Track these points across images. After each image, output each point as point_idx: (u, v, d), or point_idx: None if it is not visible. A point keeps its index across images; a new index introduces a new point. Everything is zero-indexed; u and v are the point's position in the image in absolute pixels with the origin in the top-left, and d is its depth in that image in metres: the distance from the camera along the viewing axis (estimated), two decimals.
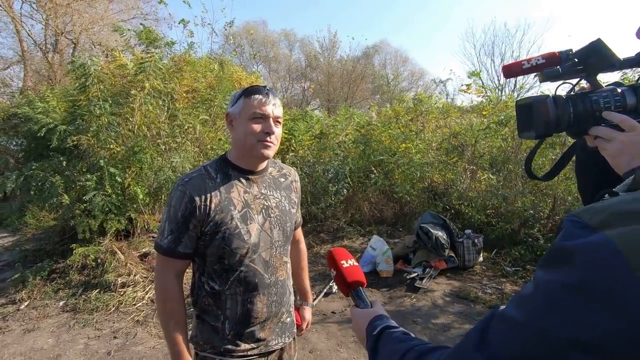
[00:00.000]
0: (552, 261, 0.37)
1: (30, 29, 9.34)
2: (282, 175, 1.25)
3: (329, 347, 2.59)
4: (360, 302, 0.78)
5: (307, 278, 1.46)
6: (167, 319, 1.08)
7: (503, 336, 0.38)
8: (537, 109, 0.61)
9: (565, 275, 0.34)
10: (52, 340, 2.75)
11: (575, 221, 0.37)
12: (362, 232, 4.96)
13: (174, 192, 1.07)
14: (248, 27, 18.05)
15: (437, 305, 3.14)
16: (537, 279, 0.38)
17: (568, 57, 0.62)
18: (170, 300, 1.08)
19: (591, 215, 0.36)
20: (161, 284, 1.10)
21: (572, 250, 0.35)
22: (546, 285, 0.36)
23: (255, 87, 1.10)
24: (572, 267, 0.34)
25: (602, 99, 0.59)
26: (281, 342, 1.20)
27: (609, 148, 0.58)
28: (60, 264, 3.75)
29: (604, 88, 0.61)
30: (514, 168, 4.87)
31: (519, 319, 0.37)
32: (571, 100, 0.61)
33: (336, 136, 6.00)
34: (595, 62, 0.60)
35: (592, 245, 0.33)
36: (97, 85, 3.85)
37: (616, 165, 0.58)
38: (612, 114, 0.58)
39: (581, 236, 0.35)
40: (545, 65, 0.63)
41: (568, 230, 0.37)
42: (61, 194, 3.60)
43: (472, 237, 3.85)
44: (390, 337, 0.62)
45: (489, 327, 0.41)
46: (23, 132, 5.00)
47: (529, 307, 0.37)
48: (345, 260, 0.85)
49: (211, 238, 1.06)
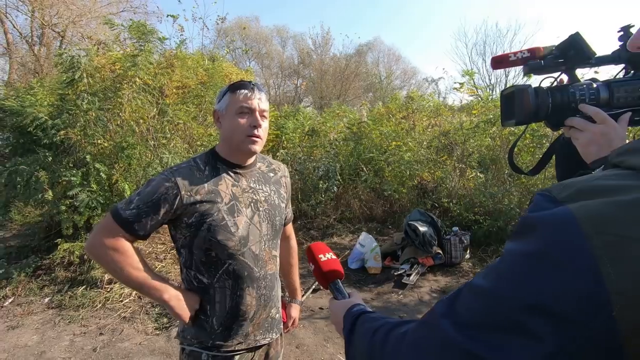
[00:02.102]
0: (519, 232, 0.38)
1: (15, 20, 9.14)
2: (272, 170, 1.25)
3: (315, 342, 2.62)
4: (338, 294, 0.79)
5: (296, 275, 1.46)
6: (134, 278, 1.02)
7: (469, 303, 0.40)
8: (519, 97, 0.65)
9: (527, 244, 0.36)
10: (37, 337, 2.72)
11: (545, 195, 0.38)
12: (352, 230, 4.99)
13: (158, 176, 1.06)
14: (241, 23, 17.90)
15: (423, 301, 3.19)
16: (505, 250, 0.40)
17: (551, 52, 0.66)
18: (129, 263, 1.02)
19: (560, 190, 0.38)
20: (112, 246, 1.01)
21: (535, 221, 0.36)
22: (510, 254, 0.38)
23: (241, 82, 1.10)
24: (533, 237, 0.35)
25: (579, 92, 0.62)
26: (269, 337, 1.20)
27: (581, 138, 0.61)
28: (46, 261, 3.70)
29: (581, 82, 0.64)
30: (502, 166, 4.95)
31: (485, 285, 0.39)
32: (550, 91, 0.64)
33: (327, 134, 6.01)
34: (573, 55, 0.64)
35: (553, 216, 0.35)
36: (85, 79, 3.79)
37: (585, 154, 0.60)
38: (587, 106, 0.61)
39: (546, 208, 0.36)
40: (529, 58, 0.66)
41: (536, 203, 0.38)
42: (46, 189, 3.55)
43: (460, 234, 3.91)
44: (366, 318, 0.63)
45: (458, 297, 0.42)
46: (9, 127, 4.89)
47: (494, 275, 0.39)
48: (324, 253, 0.87)
49: (196, 229, 1.05)
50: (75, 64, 3.82)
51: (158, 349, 2.57)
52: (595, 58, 0.63)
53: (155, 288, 1.03)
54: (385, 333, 0.54)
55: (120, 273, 1.02)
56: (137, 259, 1.04)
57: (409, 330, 0.48)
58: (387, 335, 0.53)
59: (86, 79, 3.82)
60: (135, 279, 1.02)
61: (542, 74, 0.68)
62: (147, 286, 1.03)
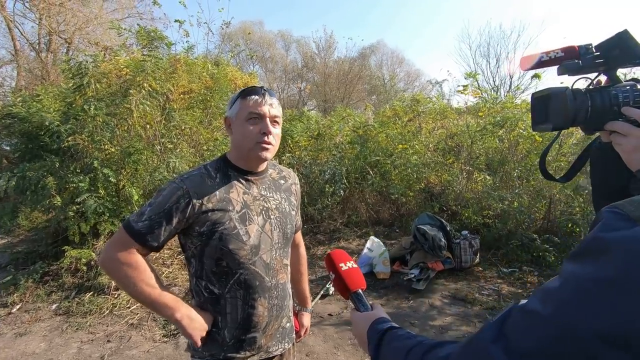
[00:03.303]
0: (586, 253, 0.35)
1: (22, 28, 9.25)
2: (282, 178, 1.24)
3: (326, 350, 2.57)
4: (360, 305, 0.76)
5: (306, 283, 1.45)
6: (146, 295, 1.00)
7: (524, 329, 0.36)
8: (556, 100, 0.60)
9: (599, 268, 0.32)
10: (45, 345, 2.71)
11: (616, 212, 0.35)
12: (359, 234, 4.95)
13: (169, 184, 1.04)
14: (245, 27, 18.02)
15: (434, 306, 3.14)
16: (565, 272, 0.36)
17: (588, 51, 0.61)
18: (142, 279, 1.00)
19: (635, 207, 0.34)
20: (126, 261, 0.99)
21: (608, 242, 0.33)
22: (577, 278, 0.34)
23: (252, 87, 1.09)
24: (608, 260, 0.32)
25: (622, 94, 0.58)
26: (281, 347, 1.18)
27: (625, 143, 0.57)
28: (53, 267, 3.70)
29: (624, 83, 0.60)
30: (510, 169, 4.89)
31: (543, 312, 0.35)
32: (589, 94, 0.60)
33: (333, 137, 5.99)
34: (618, 55, 0.59)
35: (632, 239, 0.32)
36: (93, 85, 3.81)
37: (630, 161, 0.56)
38: (632, 109, 0.57)
39: (621, 228, 0.33)
40: (563, 58, 0.62)
41: (607, 221, 0.35)
42: (53, 195, 3.55)
43: (469, 238, 3.85)
44: (394, 335, 0.60)
45: (507, 320, 0.39)
46: (17, 132, 4.93)
47: (556, 300, 0.35)
48: (344, 262, 0.83)
49: (208, 238, 1.03)
50: (83, 70, 3.84)
51: (166, 357, 2.54)
52: None
53: (168, 306, 1.01)
54: (421, 355, 0.50)
55: (132, 289, 1.00)
56: (150, 275, 1.01)
57: (452, 355, 0.44)
58: (424, 357, 0.50)
59: (94, 85, 3.83)
60: (147, 295, 1.00)
61: (578, 74, 0.63)
62: (158, 304, 1.01)
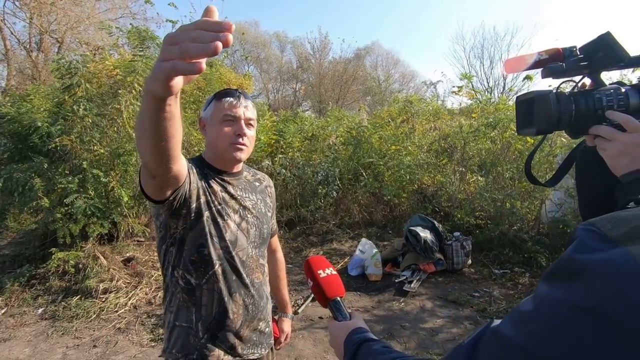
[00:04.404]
0: (561, 276, 0.32)
1: (12, 27, 9.13)
2: (257, 180, 1.26)
3: (315, 353, 2.55)
4: (338, 314, 0.74)
5: (285, 288, 1.43)
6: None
7: (494, 358, 0.34)
8: (539, 104, 0.59)
9: (575, 295, 0.30)
10: (29, 350, 2.65)
11: (591, 230, 0.32)
12: (352, 235, 4.93)
13: None
14: (239, 28, 17.94)
15: (425, 309, 3.12)
16: (540, 294, 0.33)
17: (572, 53, 0.60)
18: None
19: (612, 225, 0.31)
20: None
21: (584, 266, 0.30)
22: (551, 304, 0.31)
23: (227, 90, 1.09)
24: (585, 287, 0.29)
25: (605, 98, 0.57)
26: (257, 352, 1.16)
27: (609, 148, 0.55)
28: (41, 270, 3.63)
29: (607, 86, 0.59)
30: (503, 170, 4.90)
31: (516, 340, 0.32)
32: (573, 97, 0.59)
33: (327, 138, 5.97)
34: (601, 58, 0.58)
35: (610, 263, 0.29)
36: (83, 85, 3.75)
37: (614, 166, 0.55)
38: (616, 113, 0.55)
39: (598, 250, 0.30)
40: (548, 60, 0.61)
41: (582, 241, 0.32)
42: (41, 197, 3.49)
43: (461, 239, 3.85)
44: (369, 350, 0.58)
45: (479, 343, 0.36)
46: (6, 133, 4.86)
47: (529, 328, 0.32)
48: (323, 269, 0.81)
49: (197, 218, 1.02)
50: (73, 70, 3.79)
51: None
52: (629, 60, 0.57)
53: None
54: None
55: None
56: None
57: None
58: None
59: (84, 85, 3.78)
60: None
61: (562, 77, 0.62)
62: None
